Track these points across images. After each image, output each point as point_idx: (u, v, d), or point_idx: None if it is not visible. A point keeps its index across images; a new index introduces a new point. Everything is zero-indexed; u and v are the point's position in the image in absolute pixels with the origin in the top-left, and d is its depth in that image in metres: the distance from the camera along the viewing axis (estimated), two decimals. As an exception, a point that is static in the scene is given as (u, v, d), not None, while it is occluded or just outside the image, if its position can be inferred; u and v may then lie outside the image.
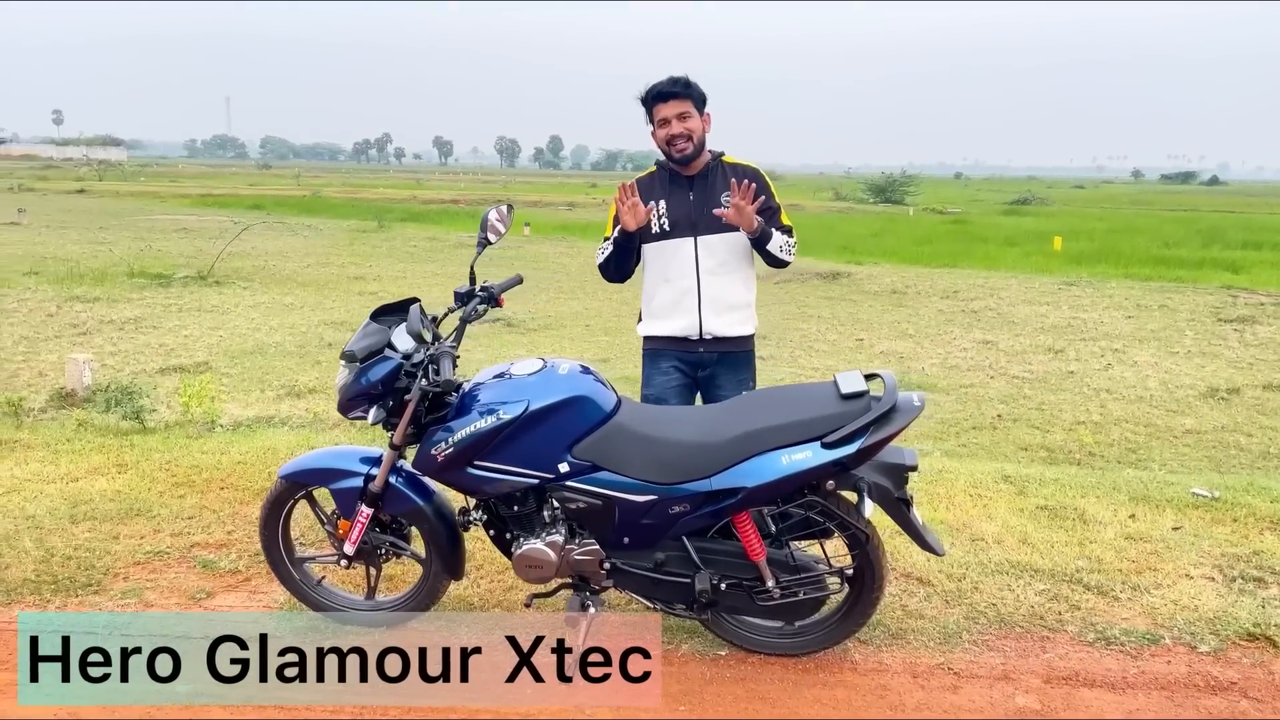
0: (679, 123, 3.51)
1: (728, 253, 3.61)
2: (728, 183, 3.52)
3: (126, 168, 77.87)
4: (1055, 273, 18.07)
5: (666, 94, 3.52)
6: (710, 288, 3.59)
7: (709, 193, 3.59)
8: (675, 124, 3.51)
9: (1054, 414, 7.96)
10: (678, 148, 3.53)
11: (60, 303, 12.12)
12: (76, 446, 5.40)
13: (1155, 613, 3.57)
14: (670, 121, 3.51)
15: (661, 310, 3.67)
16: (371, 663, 3.05)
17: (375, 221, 26.30)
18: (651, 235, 3.62)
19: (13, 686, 3.00)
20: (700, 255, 3.59)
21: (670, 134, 3.52)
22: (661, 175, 3.68)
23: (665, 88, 3.52)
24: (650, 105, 3.57)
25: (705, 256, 3.59)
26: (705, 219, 3.56)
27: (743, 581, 3.06)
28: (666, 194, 3.62)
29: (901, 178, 51.24)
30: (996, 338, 11.43)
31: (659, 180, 3.68)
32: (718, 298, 3.60)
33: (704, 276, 3.58)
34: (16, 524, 4.20)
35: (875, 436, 2.82)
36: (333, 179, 69.76)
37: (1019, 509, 4.66)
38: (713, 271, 3.59)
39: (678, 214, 3.60)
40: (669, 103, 3.51)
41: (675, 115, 3.51)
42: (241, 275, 15.28)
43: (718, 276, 3.59)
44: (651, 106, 3.56)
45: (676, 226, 3.60)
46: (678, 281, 3.61)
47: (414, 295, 3.25)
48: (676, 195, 3.61)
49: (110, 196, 38.13)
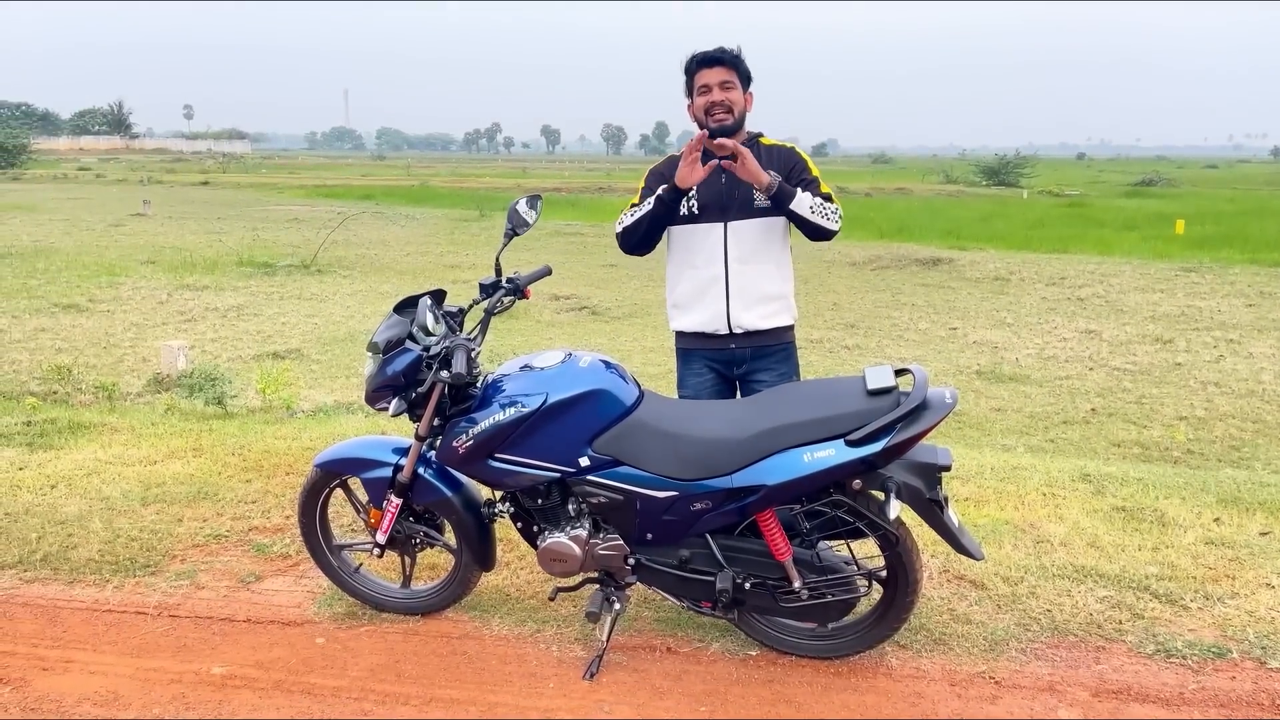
0: (720, 90, 3.32)
1: (759, 239, 3.42)
2: (764, 164, 3.37)
3: (248, 160, 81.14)
4: (1175, 258, 17.18)
5: (712, 59, 3.33)
6: (740, 277, 3.41)
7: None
8: (717, 91, 3.32)
9: (1154, 408, 7.57)
10: (715, 116, 3.33)
11: (171, 291, 12.70)
12: (160, 430, 5.62)
13: (1226, 624, 3.32)
14: (711, 89, 3.32)
15: (685, 299, 3.52)
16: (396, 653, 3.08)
17: (477, 210, 26.74)
18: (679, 218, 3.45)
19: (73, 663, 3.13)
20: (730, 242, 3.41)
21: (710, 101, 3.33)
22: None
23: (711, 53, 3.32)
24: (693, 72, 3.38)
25: (735, 244, 3.41)
26: (737, 203, 3.40)
27: (768, 581, 2.97)
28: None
29: (1016, 159, 49.41)
30: (1101, 327, 10.94)
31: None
32: (747, 288, 3.42)
33: (733, 265, 3.41)
34: (91, 504, 4.39)
35: (903, 434, 2.69)
36: (442, 169, 71.32)
37: (1093, 510, 4.41)
38: (743, 260, 3.41)
39: (707, 197, 3.41)
40: (713, 69, 3.33)
41: (718, 83, 3.32)
42: (343, 264, 15.74)
43: (748, 265, 3.41)
44: (694, 73, 3.38)
45: (705, 210, 3.42)
46: (704, 270, 3.44)
47: (442, 287, 3.26)
48: (708, 177, 3.39)
49: (231, 188, 39.78)
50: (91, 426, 5.64)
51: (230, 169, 59.62)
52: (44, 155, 65.99)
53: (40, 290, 12.42)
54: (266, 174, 54.65)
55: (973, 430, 6.95)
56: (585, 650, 3.19)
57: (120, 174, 49.13)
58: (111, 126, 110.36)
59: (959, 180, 49.39)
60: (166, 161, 72.99)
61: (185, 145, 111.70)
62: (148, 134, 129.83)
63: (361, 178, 51.41)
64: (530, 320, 11.05)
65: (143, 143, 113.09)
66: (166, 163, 69.64)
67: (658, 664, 3.13)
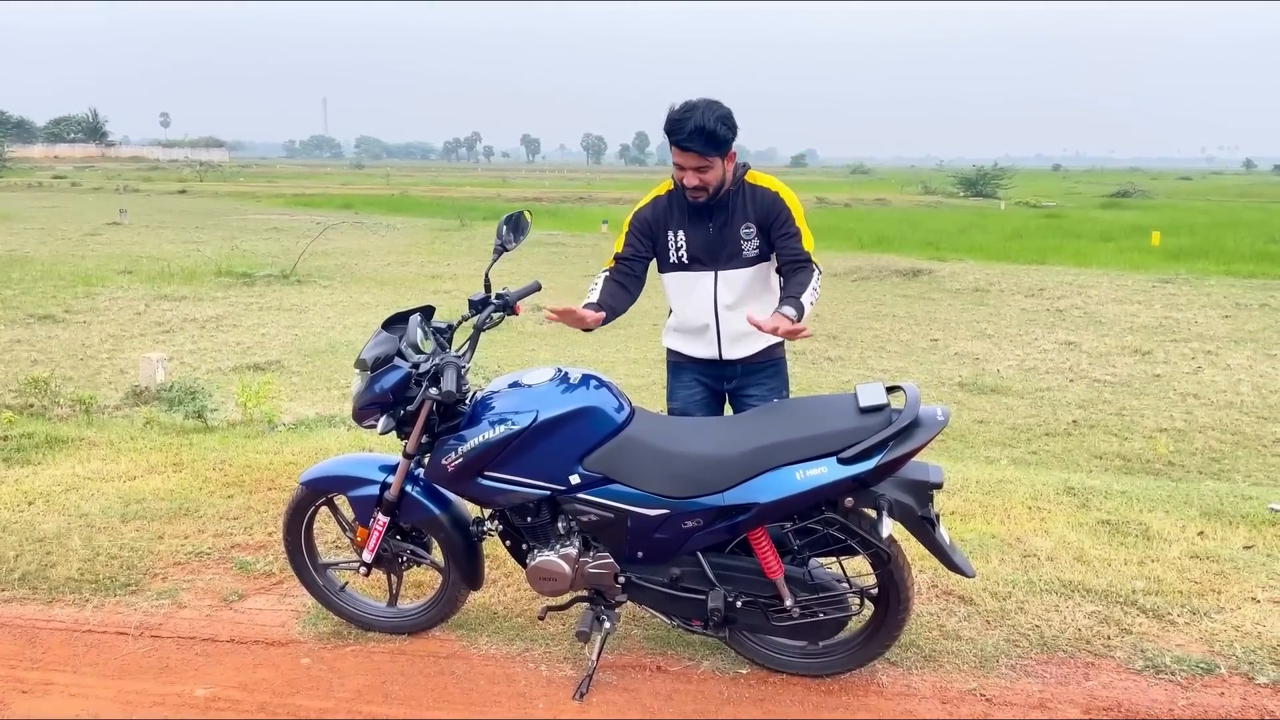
0: (695, 175, 3.23)
1: (748, 285, 3.41)
2: (749, 212, 3.32)
3: (226, 169, 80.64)
4: (1151, 269, 17.33)
5: (683, 146, 3.17)
6: (730, 322, 3.39)
7: (730, 222, 3.35)
8: (690, 175, 3.23)
9: (1134, 420, 7.61)
10: (691, 195, 3.29)
11: (149, 301, 12.58)
12: (139, 445, 5.55)
13: (1213, 639, 3.34)
14: (686, 171, 3.24)
15: (681, 330, 3.54)
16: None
17: (458, 220, 26.67)
18: (670, 264, 3.44)
19: (52, 685, 3.08)
20: (720, 290, 3.39)
21: (683, 181, 3.27)
22: (678, 198, 3.39)
23: (682, 140, 3.14)
24: (670, 141, 3.25)
25: (725, 292, 3.39)
26: (726, 250, 3.35)
27: (760, 599, 2.95)
28: (685, 223, 3.38)
29: (993, 170, 49.80)
30: (1080, 338, 11.01)
31: (675, 204, 3.41)
32: (737, 329, 3.38)
33: (723, 312, 3.40)
34: (70, 521, 4.32)
35: (895, 452, 2.69)
36: (421, 178, 71.15)
37: (1079, 523, 4.43)
38: (732, 306, 3.38)
39: (696, 247, 3.38)
40: (685, 155, 3.20)
41: (692, 168, 3.22)
42: (323, 274, 15.64)
43: (737, 310, 3.36)
44: (671, 143, 3.24)
45: (695, 261, 3.39)
46: (696, 317, 3.44)
47: (430, 304, 3.24)
48: (695, 225, 3.37)
49: (209, 197, 39.52)
50: (69, 441, 5.56)
51: (208, 177, 59.17)
52: (18, 163, 65.33)
53: (15, 301, 12.26)
54: (244, 182, 54.37)
55: (956, 442, 6.97)
56: (575, 669, 3.16)
57: (96, 182, 48.70)
58: (87, 134, 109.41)
59: (937, 191, 49.78)
60: (143, 170, 72.44)
61: (162, 153, 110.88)
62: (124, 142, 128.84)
63: (341, 186, 51.20)
64: (513, 332, 11.01)
65: (118, 151, 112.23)
66: (143, 171, 69.13)
67: (648, 683, 3.11)
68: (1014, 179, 52.15)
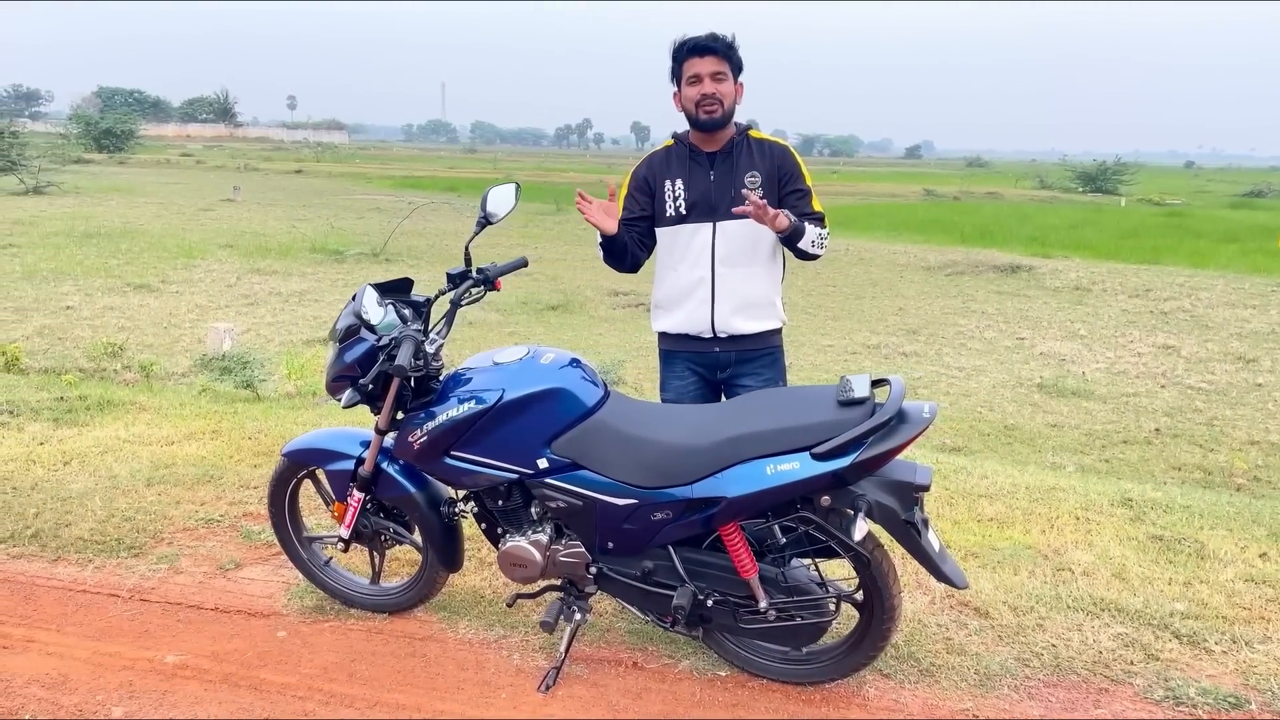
0: (712, 81, 3.12)
1: (749, 242, 3.22)
2: (754, 162, 3.18)
3: (343, 150, 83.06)
4: (1275, 273, 16.23)
5: (704, 48, 3.12)
6: (726, 281, 3.22)
7: (732, 173, 3.21)
8: (708, 82, 3.12)
9: (1225, 431, 7.09)
10: (706, 108, 3.14)
11: (241, 274, 12.97)
12: (185, 411, 5.66)
13: (1250, 671, 3.02)
14: (703, 79, 3.12)
15: (669, 300, 3.34)
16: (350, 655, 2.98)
17: (554, 205, 26.79)
18: (666, 218, 3.28)
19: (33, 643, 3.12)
20: (717, 244, 3.22)
21: (702, 92, 3.13)
22: (680, 150, 3.30)
23: (704, 41, 3.12)
24: (682, 60, 3.17)
25: (722, 245, 3.22)
26: (727, 202, 3.20)
27: (732, 599, 2.78)
28: (685, 172, 3.26)
29: (1116, 165, 47.48)
30: (1181, 342, 10.36)
31: (676, 156, 3.30)
32: (734, 291, 3.22)
33: (719, 268, 3.22)
34: (97, 483, 4.42)
35: (873, 450, 2.48)
36: (529, 163, 71.84)
37: (1127, 537, 4.10)
38: (730, 263, 3.22)
39: (696, 196, 3.23)
40: (705, 58, 3.12)
41: (710, 73, 3.12)
42: (413, 253, 15.89)
43: (735, 269, 3.21)
44: (684, 60, 3.16)
45: (694, 210, 3.23)
46: (690, 272, 3.25)
47: (409, 277, 3.15)
48: (696, 174, 3.24)
49: (323, 177, 40.66)
50: (120, 404, 5.71)
51: (324, 158, 60.99)
52: (152, 141, 68.45)
53: (118, 270, 12.80)
54: (359, 164, 55.78)
55: (1022, 446, 6.61)
56: (548, 660, 3.05)
57: (220, 160, 50.66)
58: (218, 114, 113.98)
59: (1054, 186, 47.72)
60: (266, 149, 75.07)
61: (286, 134, 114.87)
62: (253, 122, 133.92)
63: (449, 170, 52.09)
64: (585, 316, 10.95)
65: (246, 131, 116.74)
66: (266, 151, 71.63)
67: (619, 680, 2.97)
68: (1138, 175, 49.66)
